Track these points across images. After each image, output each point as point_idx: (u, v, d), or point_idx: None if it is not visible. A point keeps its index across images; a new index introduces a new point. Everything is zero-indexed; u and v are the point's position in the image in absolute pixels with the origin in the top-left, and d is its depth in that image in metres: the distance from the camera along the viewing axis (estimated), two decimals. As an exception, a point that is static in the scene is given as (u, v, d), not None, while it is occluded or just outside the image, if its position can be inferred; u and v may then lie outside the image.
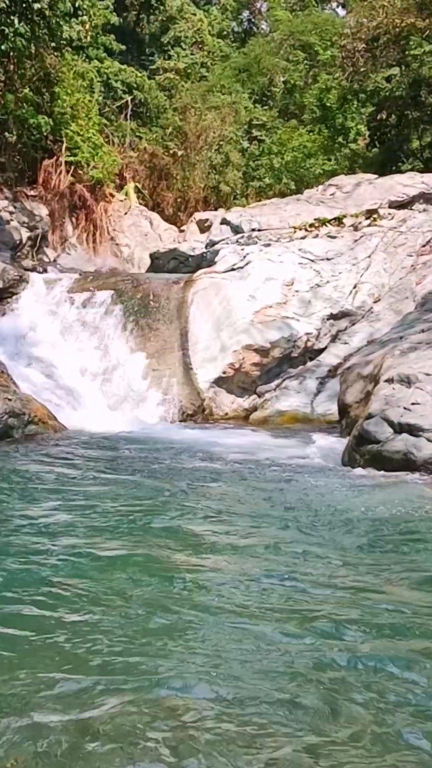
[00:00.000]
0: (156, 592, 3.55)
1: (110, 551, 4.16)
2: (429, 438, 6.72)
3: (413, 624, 3.31)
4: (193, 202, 19.73)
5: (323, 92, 21.09)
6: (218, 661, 2.87)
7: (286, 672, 2.82)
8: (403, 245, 12.69)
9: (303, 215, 13.39)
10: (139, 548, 4.24)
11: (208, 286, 11.85)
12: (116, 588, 3.59)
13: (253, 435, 9.44)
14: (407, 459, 6.71)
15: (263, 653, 2.97)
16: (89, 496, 5.50)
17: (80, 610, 3.32)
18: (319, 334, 11.65)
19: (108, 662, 2.86)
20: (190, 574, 3.86)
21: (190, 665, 2.83)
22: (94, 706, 2.52)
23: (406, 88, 18.89)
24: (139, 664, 2.84)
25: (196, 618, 3.28)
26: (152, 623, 3.20)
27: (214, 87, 21.97)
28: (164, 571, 3.86)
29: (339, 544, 4.57)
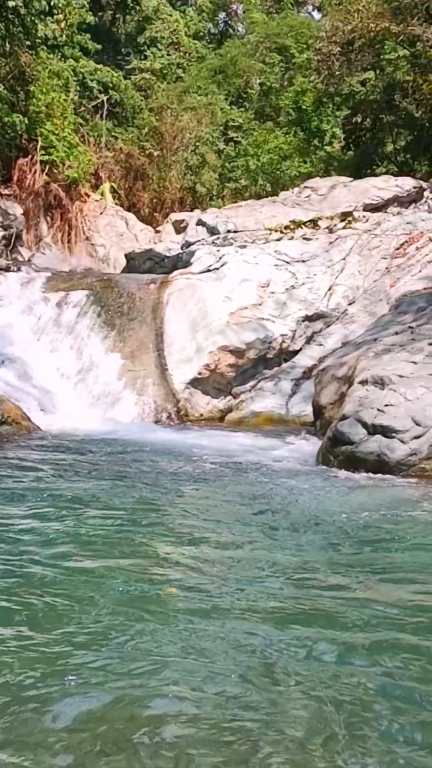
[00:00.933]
0: (128, 597, 3.51)
1: (81, 555, 4.12)
2: (402, 439, 6.79)
3: (386, 622, 3.34)
4: (168, 202, 19.72)
5: (299, 95, 21.20)
6: (194, 664, 2.86)
7: (263, 672, 2.83)
8: (378, 248, 12.80)
9: (278, 217, 13.45)
10: (112, 552, 4.21)
11: (183, 287, 11.85)
12: (87, 593, 3.55)
13: (227, 436, 9.45)
14: (381, 460, 6.77)
15: (239, 653, 2.97)
16: (61, 499, 5.46)
17: (50, 618, 3.27)
18: (294, 336, 11.70)
19: (82, 666, 2.85)
20: (164, 577, 3.85)
21: (167, 668, 2.83)
22: (71, 711, 2.51)
23: (380, 92, 19.06)
24: (114, 667, 2.83)
25: (172, 622, 3.27)
26: (126, 629, 3.18)
27: (190, 88, 22.00)
28: (137, 575, 3.83)
29: (312, 544, 4.59)
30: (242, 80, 23.31)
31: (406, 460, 6.71)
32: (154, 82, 21.50)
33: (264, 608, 3.46)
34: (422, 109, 17.85)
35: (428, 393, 7.10)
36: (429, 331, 8.53)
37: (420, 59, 16.25)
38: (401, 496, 5.97)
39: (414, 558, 4.36)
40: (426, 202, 14.09)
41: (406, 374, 7.43)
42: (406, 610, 3.49)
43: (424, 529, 5.02)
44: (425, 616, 3.45)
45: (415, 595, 3.75)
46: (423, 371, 7.45)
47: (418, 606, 3.57)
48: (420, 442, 6.76)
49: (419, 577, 4.02)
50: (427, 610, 3.52)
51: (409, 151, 19.95)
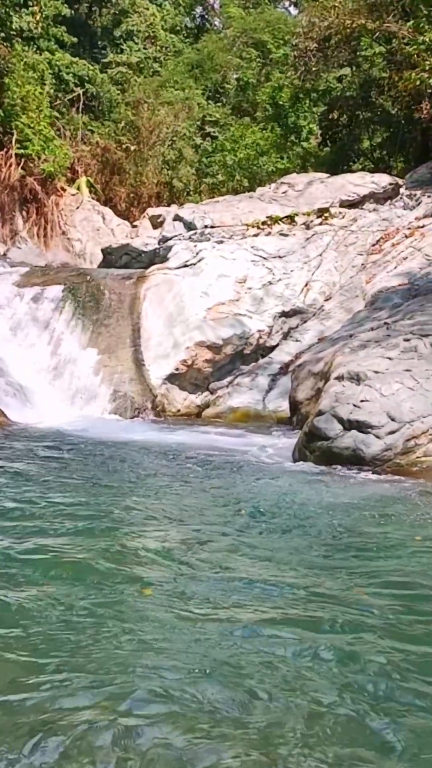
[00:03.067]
0: (99, 598, 3.46)
1: (50, 554, 4.08)
2: (377, 435, 6.84)
3: (357, 619, 3.36)
4: (145, 197, 19.66)
5: (276, 90, 21.22)
6: (165, 663, 2.85)
7: (234, 671, 2.83)
8: (354, 244, 12.87)
9: (255, 213, 13.46)
10: (83, 551, 4.16)
11: (160, 282, 11.83)
12: (57, 592, 3.51)
13: (204, 431, 9.46)
14: (356, 455, 6.82)
15: (212, 653, 2.97)
16: (34, 494, 5.42)
17: (17, 617, 3.24)
18: (271, 332, 11.73)
19: (54, 665, 2.83)
20: (136, 576, 3.80)
21: (138, 668, 2.81)
22: (44, 711, 2.50)
23: (357, 88, 19.13)
24: (85, 666, 2.82)
25: (144, 621, 3.25)
26: (97, 627, 3.15)
27: (167, 82, 21.94)
28: (109, 574, 3.78)
29: (285, 541, 4.61)
30: (219, 75, 23.30)
31: (382, 455, 6.77)
32: (130, 76, 21.40)
33: (237, 607, 3.45)
34: (398, 106, 17.93)
35: (403, 388, 7.16)
36: (404, 327, 8.59)
37: (396, 56, 16.30)
38: (376, 492, 6.02)
39: (386, 554, 4.39)
40: (401, 199, 14.17)
41: (382, 370, 7.48)
42: (377, 608, 3.51)
43: (396, 524, 5.06)
44: (397, 613, 3.47)
45: (385, 590, 3.77)
46: (398, 367, 7.51)
47: (390, 604, 3.58)
48: (395, 438, 6.82)
49: (392, 573, 4.05)
50: (397, 607, 3.55)
51: (385, 147, 20.05)
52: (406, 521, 5.12)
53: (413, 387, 7.18)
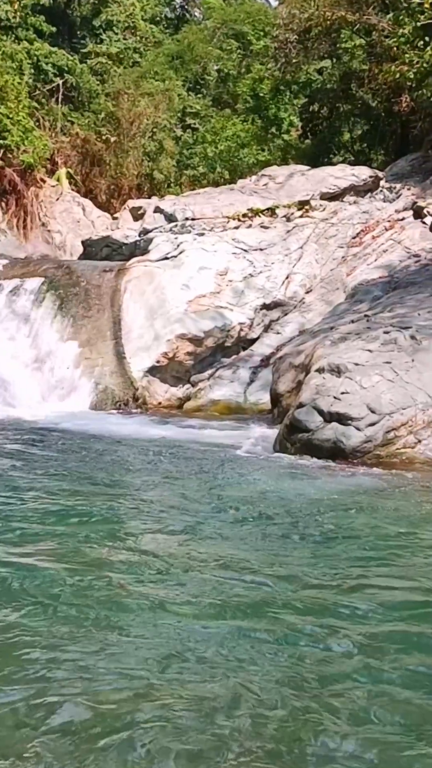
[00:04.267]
0: (75, 592, 3.45)
1: (27, 548, 4.06)
2: (357, 426, 6.89)
3: (332, 608, 3.39)
4: (126, 189, 19.56)
5: (256, 82, 21.17)
6: (141, 657, 2.85)
7: (207, 661, 2.85)
8: (335, 237, 12.91)
9: (236, 205, 13.44)
10: (61, 544, 4.14)
11: (141, 275, 11.79)
12: (39, 586, 3.49)
13: (186, 424, 9.46)
14: (336, 447, 6.86)
15: (189, 646, 2.97)
16: (13, 487, 5.41)
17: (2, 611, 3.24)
18: (252, 324, 11.74)
19: (35, 660, 2.83)
20: (114, 570, 3.79)
21: (118, 660, 2.82)
22: (24, 703, 2.50)
23: (337, 80, 19.13)
24: (66, 661, 2.82)
25: (128, 614, 3.24)
26: (79, 621, 3.14)
27: (147, 73, 21.80)
28: (86, 568, 3.77)
29: (265, 533, 4.64)
30: (199, 66, 23.20)
31: (362, 447, 6.82)
32: (110, 67, 21.24)
33: (214, 600, 3.45)
34: (378, 99, 17.98)
35: (383, 381, 7.21)
36: (384, 320, 8.65)
37: (376, 48, 16.32)
38: (356, 483, 6.06)
39: (364, 544, 4.43)
40: (382, 192, 14.22)
41: (362, 362, 7.53)
42: (353, 597, 3.54)
43: (376, 516, 5.10)
44: (373, 602, 3.51)
45: (363, 580, 3.81)
46: (378, 359, 7.55)
47: (367, 593, 3.61)
48: (375, 430, 6.87)
49: (369, 564, 4.09)
50: (371, 596, 3.58)
51: (365, 140, 20.09)
52: (386, 513, 5.16)
53: (393, 379, 7.23)
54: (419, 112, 15.67)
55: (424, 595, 3.61)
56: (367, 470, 6.52)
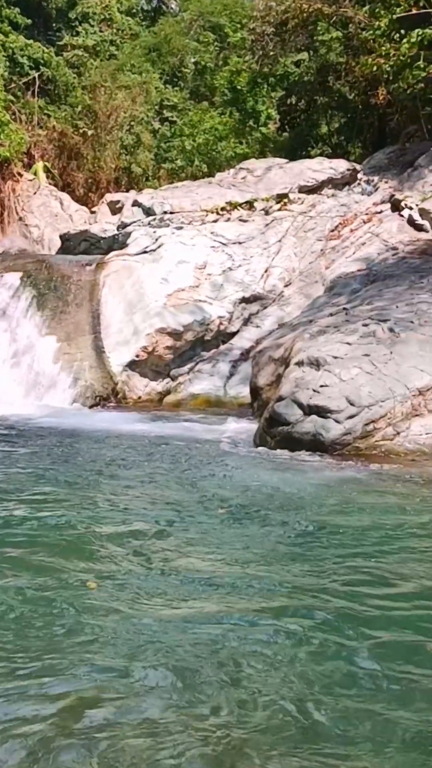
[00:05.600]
0: (44, 591, 3.41)
1: (4, 546, 4.04)
2: (337, 419, 6.92)
3: (311, 604, 3.40)
4: (104, 182, 19.45)
5: (233, 75, 21.13)
6: (111, 659, 2.82)
7: (182, 662, 2.85)
8: (313, 230, 12.93)
9: (215, 198, 13.43)
10: (33, 542, 4.12)
11: (120, 269, 11.74)
12: (10, 588, 3.47)
13: (165, 418, 9.46)
14: (316, 440, 6.89)
15: (159, 646, 2.95)
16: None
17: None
18: (232, 318, 11.75)
19: (11, 662, 2.83)
20: (86, 569, 3.75)
21: (95, 662, 2.81)
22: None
23: (314, 73, 19.13)
24: (40, 660, 2.81)
25: (103, 616, 3.20)
26: (42, 624, 3.11)
27: (124, 66, 21.67)
28: (57, 567, 3.72)
29: (245, 527, 4.65)
30: (177, 59, 23.09)
31: (341, 440, 6.85)
32: (86, 60, 21.08)
33: (195, 596, 3.44)
34: (355, 92, 18.00)
35: (362, 373, 7.25)
36: (363, 313, 8.69)
37: (352, 41, 16.34)
38: (335, 476, 6.09)
39: (348, 538, 4.46)
40: (359, 185, 14.27)
41: (341, 355, 7.56)
42: (340, 591, 3.55)
43: (358, 508, 5.14)
44: (361, 595, 3.54)
45: (350, 574, 3.83)
46: (357, 352, 7.59)
47: (355, 587, 3.63)
48: (354, 422, 6.90)
49: (354, 557, 4.12)
50: (359, 590, 3.61)
51: (342, 133, 20.12)
52: (367, 506, 5.20)
53: (371, 372, 7.27)
54: (396, 104, 15.73)
55: (412, 587, 3.61)
56: (347, 462, 6.56)
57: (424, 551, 4.18)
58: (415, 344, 7.63)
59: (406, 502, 5.32)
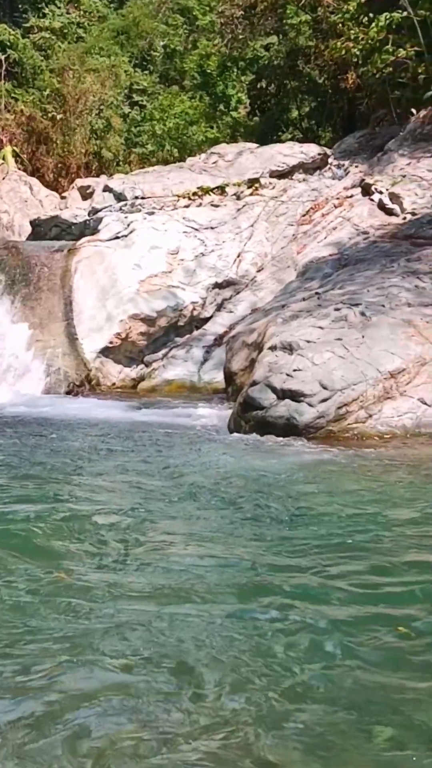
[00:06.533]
0: (12, 583, 3.39)
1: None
2: (310, 403, 6.99)
3: (289, 590, 3.44)
4: (74, 167, 19.27)
5: (203, 58, 21.01)
6: (83, 650, 2.81)
7: (154, 651, 2.89)
8: (285, 214, 12.96)
9: (186, 183, 13.39)
10: (9, 530, 4.10)
11: (92, 255, 11.68)
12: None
13: (140, 405, 9.47)
14: (290, 424, 6.95)
15: (131, 637, 2.97)
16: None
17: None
18: (205, 303, 11.76)
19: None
20: (56, 559, 3.74)
21: (49, 656, 2.82)
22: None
23: (284, 57, 19.10)
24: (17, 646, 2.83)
25: (61, 608, 3.19)
26: (22, 615, 3.09)
27: (92, 49, 21.42)
28: (25, 557, 3.70)
29: (220, 512, 4.69)
30: (145, 42, 22.87)
31: (315, 423, 6.93)
32: (54, 42, 20.80)
33: (173, 584, 3.44)
34: (325, 76, 18.02)
35: (334, 357, 7.32)
36: (335, 297, 8.75)
37: (321, 25, 16.33)
38: (308, 459, 6.17)
39: (325, 522, 4.53)
40: (330, 169, 14.32)
41: (314, 339, 7.62)
42: (318, 576, 3.58)
43: (332, 491, 5.21)
44: (338, 581, 3.59)
45: (327, 559, 3.87)
46: (329, 336, 7.66)
47: (332, 572, 3.65)
48: (327, 405, 6.98)
49: (321, 538, 4.18)
50: (336, 574, 3.67)
51: (313, 117, 20.15)
52: (341, 489, 5.27)
53: (344, 356, 7.34)
54: (365, 89, 15.76)
55: (388, 572, 3.65)
56: (320, 445, 6.63)
57: (398, 532, 4.26)
58: (386, 328, 7.72)
59: (379, 483, 5.40)
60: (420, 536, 4.18)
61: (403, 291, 8.40)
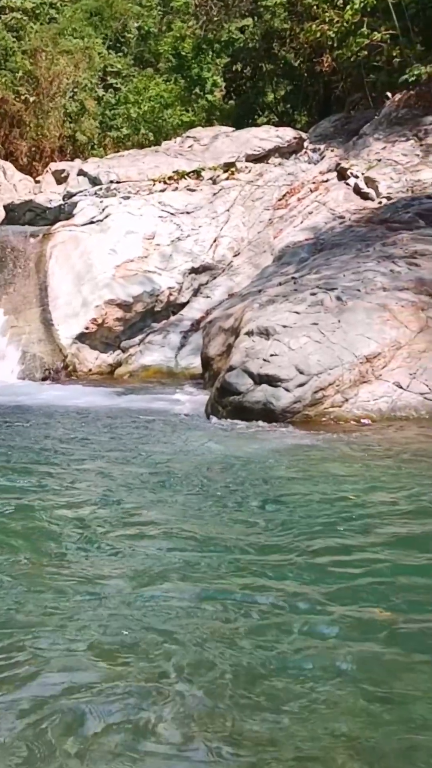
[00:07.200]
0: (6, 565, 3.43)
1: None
2: (287, 388, 7.02)
3: (258, 571, 3.47)
4: (48, 151, 19.03)
5: (178, 41, 20.78)
6: (60, 634, 2.84)
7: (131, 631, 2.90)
8: (261, 199, 12.93)
9: (162, 167, 13.30)
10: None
11: (67, 240, 11.58)
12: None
13: (116, 391, 9.44)
14: (267, 409, 6.98)
15: (111, 621, 2.99)
16: None
17: None
18: (182, 288, 11.73)
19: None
20: (29, 544, 3.75)
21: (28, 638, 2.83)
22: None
23: (259, 39, 18.98)
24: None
25: (39, 591, 3.22)
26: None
27: (65, 30, 21.08)
28: (7, 543, 3.72)
29: (205, 498, 4.71)
30: (119, 23, 22.57)
31: (291, 408, 6.96)
32: (26, 23, 20.43)
33: (153, 570, 3.46)
34: (300, 59, 17.94)
35: (311, 342, 7.34)
36: (311, 282, 8.76)
37: (296, 7, 16.24)
38: (286, 444, 6.20)
39: (291, 503, 4.56)
40: (306, 153, 14.29)
41: (290, 324, 7.63)
42: (299, 560, 3.59)
43: (307, 474, 5.25)
44: (319, 564, 3.62)
45: (308, 542, 3.89)
46: (305, 321, 7.68)
47: (313, 555, 3.67)
48: (303, 390, 7.01)
49: (298, 522, 4.21)
50: (318, 558, 3.70)
51: (289, 101, 20.05)
52: (316, 472, 5.31)
53: (320, 340, 7.37)
54: (340, 72, 15.73)
55: (367, 556, 3.69)
56: (297, 430, 6.67)
57: (375, 515, 4.30)
58: (362, 312, 7.76)
59: (355, 467, 5.45)
60: (397, 519, 4.23)
61: (379, 275, 8.43)
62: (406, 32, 13.40)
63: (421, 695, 2.44)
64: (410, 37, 13.46)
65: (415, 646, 2.75)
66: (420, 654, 2.70)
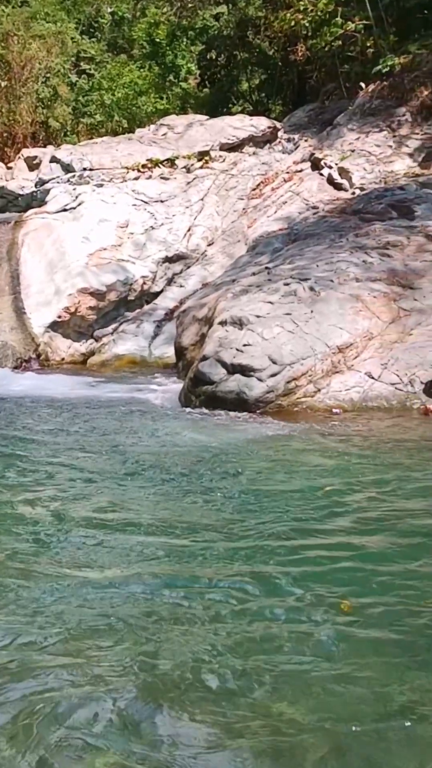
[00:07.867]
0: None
1: None
2: (260, 377, 7.05)
3: (227, 561, 3.51)
4: (20, 137, 18.80)
5: (152, 27, 20.61)
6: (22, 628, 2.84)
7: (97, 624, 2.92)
8: (235, 188, 12.91)
9: (135, 155, 13.22)
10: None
11: (39, 227, 11.48)
12: None
13: (90, 379, 9.40)
14: (240, 398, 7.00)
15: (93, 606, 3.01)
16: None
17: None
18: (155, 277, 11.69)
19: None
20: (10, 534, 3.74)
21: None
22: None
23: (233, 27, 18.90)
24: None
25: (28, 577, 3.22)
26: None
27: (38, 14, 20.81)
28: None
29: (179, 489, 4.73)
30: (93, 8, 22.33)
31: (264, 398, 6.99)
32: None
33: (109, 562, 3.45)
34: (275, 48, 17.90)
35: (284, 332, 7.38)
36: (284, 272, 8.79)
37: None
38: (259, 433, 6.23)
39: (264, 493, 4.60)
40: (280, 143, 14.29)
41: (263, 314, 7.66)
42: (276, 551, 3.62)
43: (279, 464, 5.28)
44: (296, 554, 3.65)
45: (284, 531, 3.92)
46: (279, 311, 7.71)
47: (289, 545, 3.70)
48: (276, 380, 7.05)
49: (266, 506, 4.25)
50: (293, 548, 3.73)
51: (263, 90, 20.02)
52: (288, 462, 5.35)
53: (293, 330, 7.41)
54: (315, 62, 15.73)
55: (341, 541, 3.73)
56: (270, 420, 6.71)
57: (347, 504, 4.35)
58: (335, 303, 7.80)
59: (327, 457, 5.49)
60: (370, 506, 4.28)
61: (352, 266, 8.48)
62: (380, 22, 13.43)
63: (382, 678, 2.48)
64: (384, 27, 13.50)
65: (378, 631, 2.80)
66: (380, 636, 2.75)
